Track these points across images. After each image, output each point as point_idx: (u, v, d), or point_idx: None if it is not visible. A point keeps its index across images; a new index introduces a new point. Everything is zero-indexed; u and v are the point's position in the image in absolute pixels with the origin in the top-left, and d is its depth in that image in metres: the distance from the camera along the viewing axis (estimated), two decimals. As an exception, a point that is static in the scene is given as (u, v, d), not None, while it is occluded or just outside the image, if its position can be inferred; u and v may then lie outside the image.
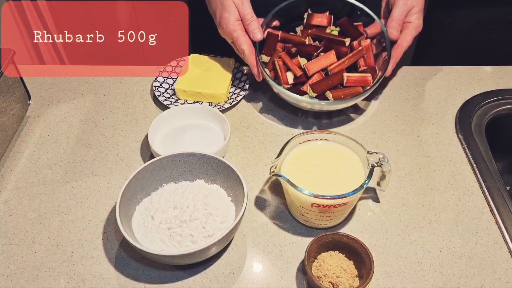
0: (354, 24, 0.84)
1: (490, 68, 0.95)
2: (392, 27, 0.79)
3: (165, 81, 0.88)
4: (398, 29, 0.79)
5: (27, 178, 0.73)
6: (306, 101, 0.77)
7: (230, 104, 0.84)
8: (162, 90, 0.86)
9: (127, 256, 0.63)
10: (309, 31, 0.83)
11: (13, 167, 0.75)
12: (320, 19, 0.84)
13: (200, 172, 0.68)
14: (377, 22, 0.82)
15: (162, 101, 0.83)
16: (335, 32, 0.84)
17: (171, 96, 0.86)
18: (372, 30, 0.84)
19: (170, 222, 0.61)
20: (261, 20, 0.82)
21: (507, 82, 0.91)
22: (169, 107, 0.81)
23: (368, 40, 0.82)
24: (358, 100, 0.80)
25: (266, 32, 0.82)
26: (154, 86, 0.86)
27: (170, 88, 0.87)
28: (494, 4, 1.40)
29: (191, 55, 0.91)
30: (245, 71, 0.90)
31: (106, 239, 0.65)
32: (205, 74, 0.87)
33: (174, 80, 0.89)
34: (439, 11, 1.49)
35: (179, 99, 0.86)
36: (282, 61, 0.81)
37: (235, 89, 0.87)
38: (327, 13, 0.85)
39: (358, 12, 0.85)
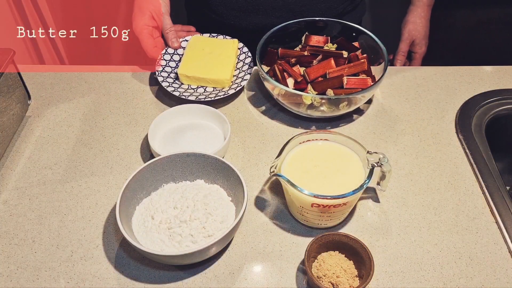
0: (352, 43, 0.88)
1: (490, 68, 0.95)
2: (397, 59, 1.06)
3: (167, 65, 0.87)
4: (402, 60, 1.05)
5: (27, 178, 0.73)
6: (311, 96, 0.76)
7: (235, 89, 0.83)
8: (165, 74, 0.85)
9: (127, 256, 0.63)
10: (308, 47, 0.86)
11: (13, 167, 0.75)
12: (318, 39, 0.87)
13: (200, 172, 0.68)
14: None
15: (165, 87, 0.82)
16: (333, 49, 0.87)
17: (174, 81, 0.84)
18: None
19: (170, 222, 0.61)
20: (182, 27, 0.95)
21: (507, 82, 0.91)
22: (174, 94, 0.81)
23: (365, 55, 0.85)
24: (359, 96, 0.79)
25: (267, 50, 0.86)
26: (157, 71, 0.85)
27: (173, 72, 0.86)
28: (494, 4, 1.39)
29: (192, 36, 0.90)
30: (249, 53, 0.89)
31: (106, 239, 0.65)
32: (208, 57, 0.85)
33: (177, 63, 0.87)
34: (439, 11, 1.49)
35: (182, 84, 0.85)
36: (282, 67, 0.81)
37: (239, 73, 0.86)
38: (324, 35, 0.89)
39: (354, 34, 0.88)
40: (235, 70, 0.87)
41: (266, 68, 0.85)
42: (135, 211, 0.64)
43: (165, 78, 0.84)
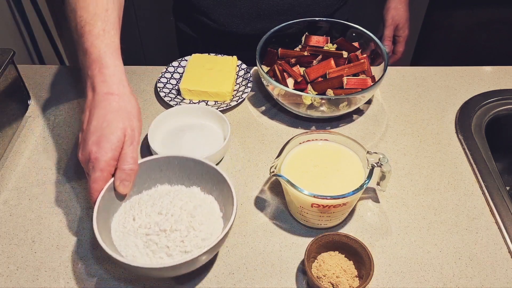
0: (352, 43, 0.88)
1: (490, 68, 0.95)
2: (386, 45, 1.09)
3: (168, 82, 0.88)
4: (390, 45, 1.11)
5: (27, 178, 0.73)
6: (311, 96, 0.76)
7: (236, 102, 0.84)
8: (166, 90, 0.86)
9: (127, 256, 0.63)
10: (307, 48, 0.86)
11: (13, 167, 0.75)
12: (317, 40, 0.87)
13: (198, 179, 0.64)
14: (370, 40, 0.86)
15: (168, 101, 0.83)
16: (333, 49, 0.87)
17: (176, 96, 0.86)
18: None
19: (149, 227, 0.57)
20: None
21: (507, 82, 0.91)
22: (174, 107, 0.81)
23: (365, 55, 0.85)
24: (359, 97, 0.79)
25: (267, 50, 0.86)
26: (158, 87, 0.86)
27: (174, 88, 0.87)
28: (494, 4, 1.40)
29: (192, 54, 0.91)
30: (248, 69, 0.90)
31: (106, 239, 0.65)
32: (209, 73, 0.87)
33: (177, 80, 0.89)
34: (439, 12, 1.49)
35: (184, 99, 0.85)
36: (282, 68, 0.81)
37: (239, 87, 0.87)
38: (324, 35, 0.89)
39: (354, 34, 0.88)
40: (235, 85, 0.88)
41: (266, 68, 0.85)
42: (120, 207, 0.61)
43: (167, 93, 0.86)
